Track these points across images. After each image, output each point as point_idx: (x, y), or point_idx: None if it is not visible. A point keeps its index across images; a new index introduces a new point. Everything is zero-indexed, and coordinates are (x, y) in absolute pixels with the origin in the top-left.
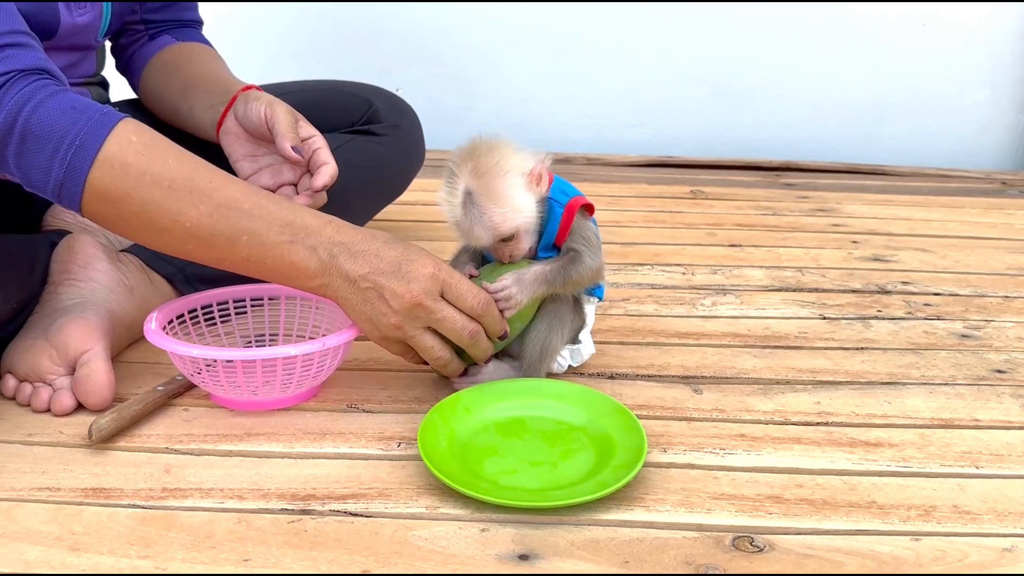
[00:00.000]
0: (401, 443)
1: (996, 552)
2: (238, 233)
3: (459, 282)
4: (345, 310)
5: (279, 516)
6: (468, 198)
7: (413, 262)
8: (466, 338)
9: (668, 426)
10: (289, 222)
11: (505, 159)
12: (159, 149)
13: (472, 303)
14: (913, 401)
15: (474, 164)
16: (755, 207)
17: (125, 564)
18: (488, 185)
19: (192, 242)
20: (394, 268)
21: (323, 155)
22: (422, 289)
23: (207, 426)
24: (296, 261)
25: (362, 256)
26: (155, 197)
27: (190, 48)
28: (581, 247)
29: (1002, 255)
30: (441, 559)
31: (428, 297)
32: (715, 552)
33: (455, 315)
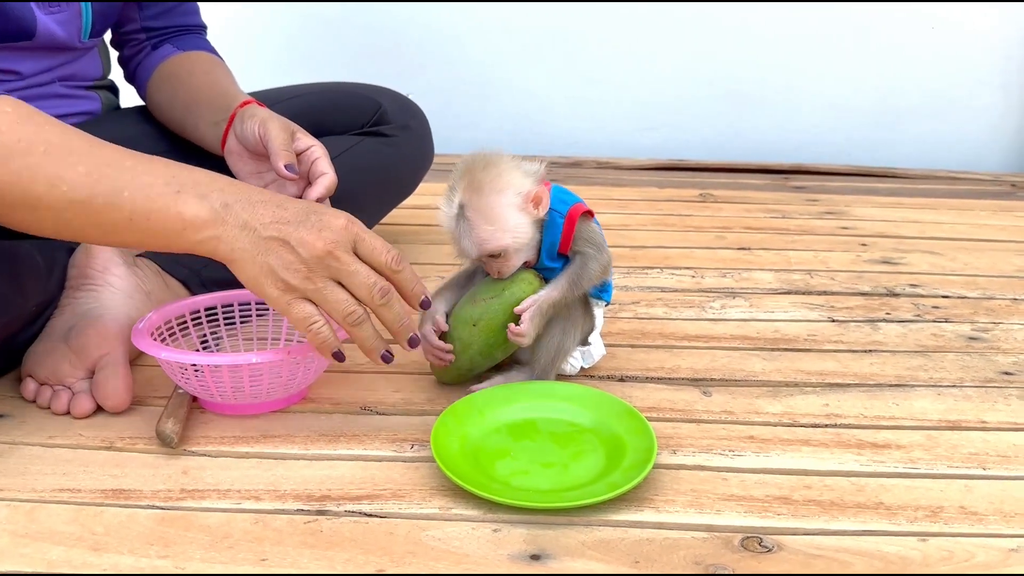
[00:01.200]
0: (414, 445)
1: (1003, 552)
2: (119, 189)
3: (372, 237)
4: (238, 267)
5: (295, 516)
6: (460, 211)
7: (323, 213)
8: (377, 296)
9: (678, 428)
10: (176, 175)
11: (502, 177)
12: (37, 119)
13: (386, 258)
14: (921, 403)
15: (471, 179)
16: (764, 210)
17: (145, 564)
18: (481, 202)
19: (70, 209)
20: (302, 217)
21: (321, 165)
22: (334, 239)
23: (223, 428)
24: (183, 211)
25: (262, 205)
26: (29, 163)
27: (192, 58)
28: (588, 249)
29: (1011, 257)
30: (454, 559)
31: (340, 248)
32: (724, 552)
33: (367, 270)
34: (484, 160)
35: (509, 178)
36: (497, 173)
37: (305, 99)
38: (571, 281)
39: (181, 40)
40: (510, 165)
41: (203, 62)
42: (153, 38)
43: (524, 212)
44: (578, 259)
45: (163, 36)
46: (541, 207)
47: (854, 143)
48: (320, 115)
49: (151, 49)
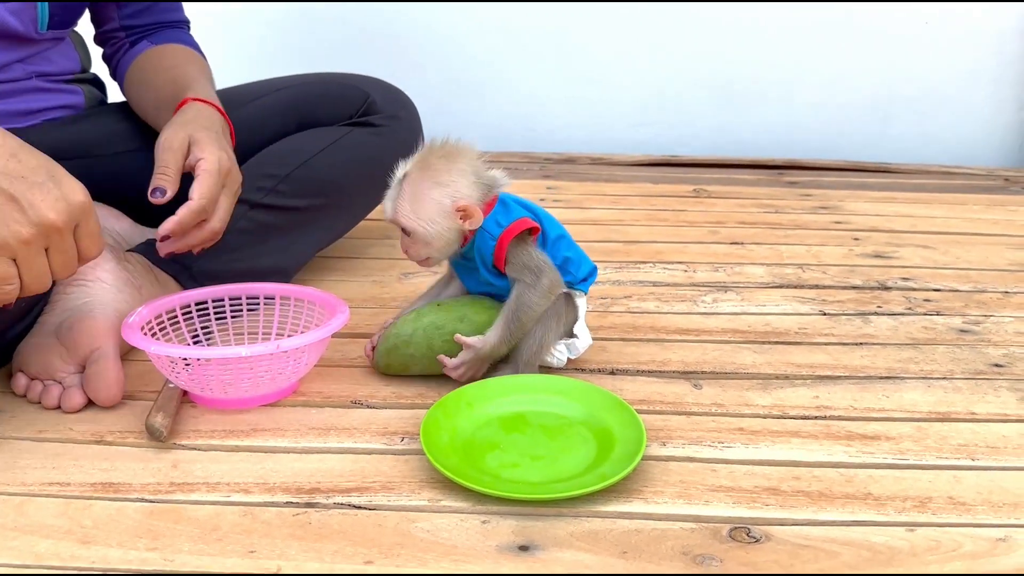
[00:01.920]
0: (404, 438)
1: (990, 542)
2: None
3: (96, 223)
4: None
5: (284, 509)
6: (401, 179)
7: (63, 181)
8: (65, 277)
9: (668, 420)
10: None
11: (450, 174)
12: None
13: (94, 252)
14: (911, 395)
15: (427, 159)
16: (758, 205)
17: (134, 556)
18: (421, 183)
19: None
20: (41, 178)
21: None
22: (69, 215)
23: (213, 422)
24: None
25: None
26: None
27: (163, 53)
28: (524, 277)
29: (1003, 251)
30: (443, 550)
31: (68, 225)
32: (712, 543)
33: (73, 254)
34: (449, 150)
35: (454, 179)
36: (448, 168)
37: (292, 91)
38: (508, 321)
39: (158, 35)
40: (466, 168)
41: (173, 56)
42: (132, 36)
43: (449, 216)
44: (514, 292)
45: (142, 33)
46: (468, 222)
47: (847, 138)
48: (308, 106)
49: (129, 46)
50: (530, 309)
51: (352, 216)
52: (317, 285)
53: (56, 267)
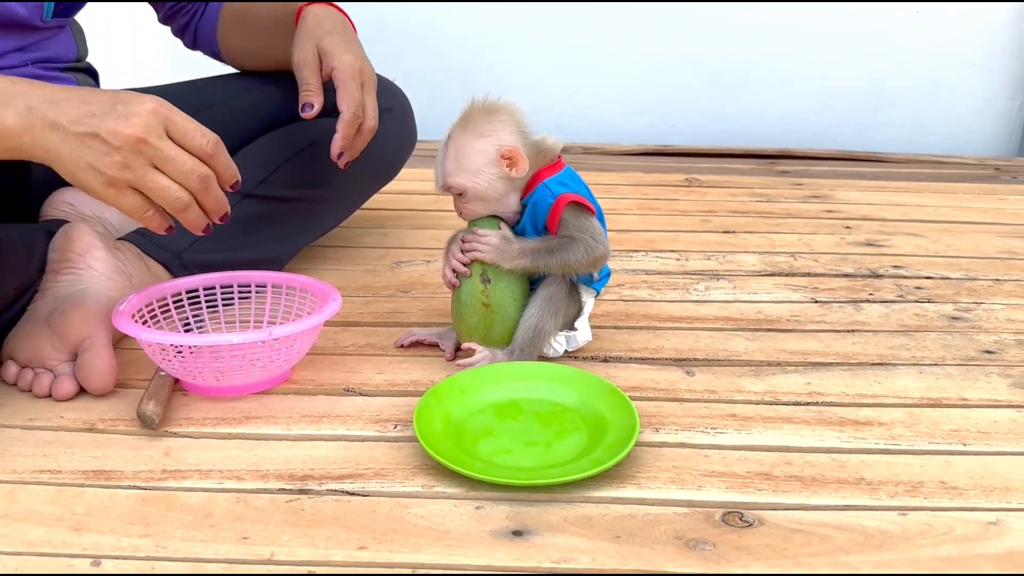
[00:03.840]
0: (397, 425)
1: (981, 526)
2: None
3: (184, 119)
4: (58, 167)
5: (277, 496)
6: (447, 140)
7: (130, 101)
8: (195, 182)
9: (660, 407)
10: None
11: (491, 124)
12: None
13: (201, 141)
14: (903, 381)
15: (467, 116)
16: (750, 194)
17: (126, 543)
18: (463, 138)
19: None
20: (107, 109)
21: (342, 97)
22: (144, 124)
23: (206, 410)
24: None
25: (66, 102)
26: None
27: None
28: (580, 235)
29: (993, 239)
30: (436, 535)
31: (152, 133)
32: (705, 527)
33: (184, 156)
34: (489, 105)
35: (495, 128)
36: (488, 119)
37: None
38: (549, 247)
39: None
40: (506, 118)
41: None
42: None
43: (495, 164)
44: (564, 239)
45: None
46: (515, 169)
47: (840, 128)
48: None
49: (202, 5)
50: (569, 258)
51: (345, 207)
52: (310, 274)
53: (178, 176)
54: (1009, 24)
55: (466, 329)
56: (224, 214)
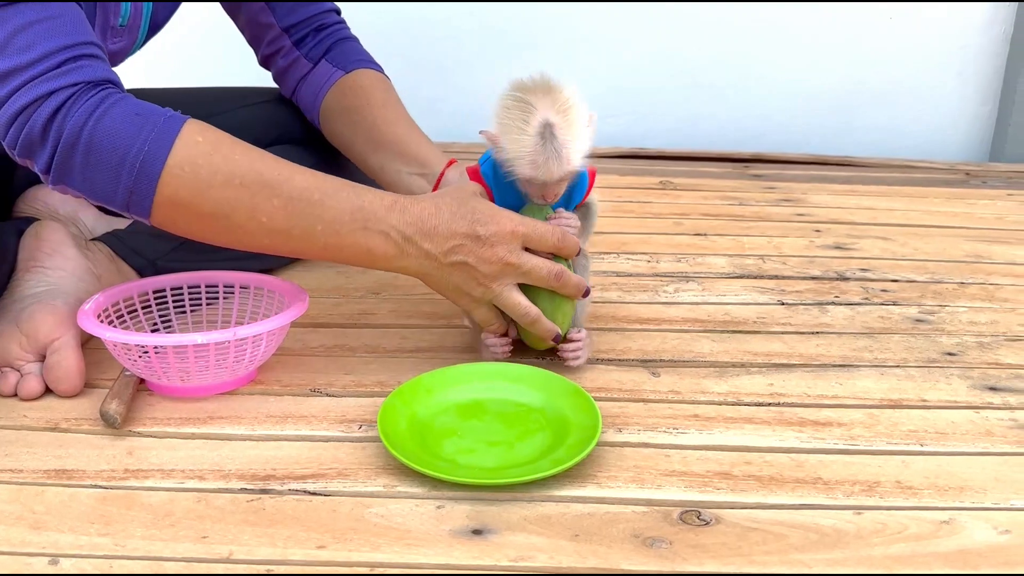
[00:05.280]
0: (362, 425)
1: (934, 524)
2: (312, 224)
3: (534, 228)
4: (430, 283)
5: (238, 495)
6: (548, 131)
7: (488, 225)
8: (554, 281)
9: (624, 407)
10: (358, 208)
11: (578, 99)
12: (225, 146)
13: (552, 241)
14: (864, 383)
15: (554, 99)
16: (722, 197)
17: (85, 541)
18: (570, 122)
19: (268, 237)
20: (472, 236)
21: None
22: (507, 249)
23: (171, 409)
24: (372, 248)
25: (436, 232)
26: (228, 196)
27: (361, 83)
28: (592, 202)
29: (960, 243)
30: (396, 534)
31: (513, 255)
32: (663, 525)
33: (539, 263)
34: (555, 84)
35: (579, 98)
36: (572, 93)
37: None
38: (585, 216)
39: (337, 53)
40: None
41: (375, 89)
42: (300, 43)
43: (589, 133)
44: (585, 207)
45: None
46: (592, 128)
47: (814, 132)
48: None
49: (308, 64)
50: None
51: None
52: (282, 275)
53: (539, 282)
54: (980, 30)
55: (562, 317)
56: (586, 289)
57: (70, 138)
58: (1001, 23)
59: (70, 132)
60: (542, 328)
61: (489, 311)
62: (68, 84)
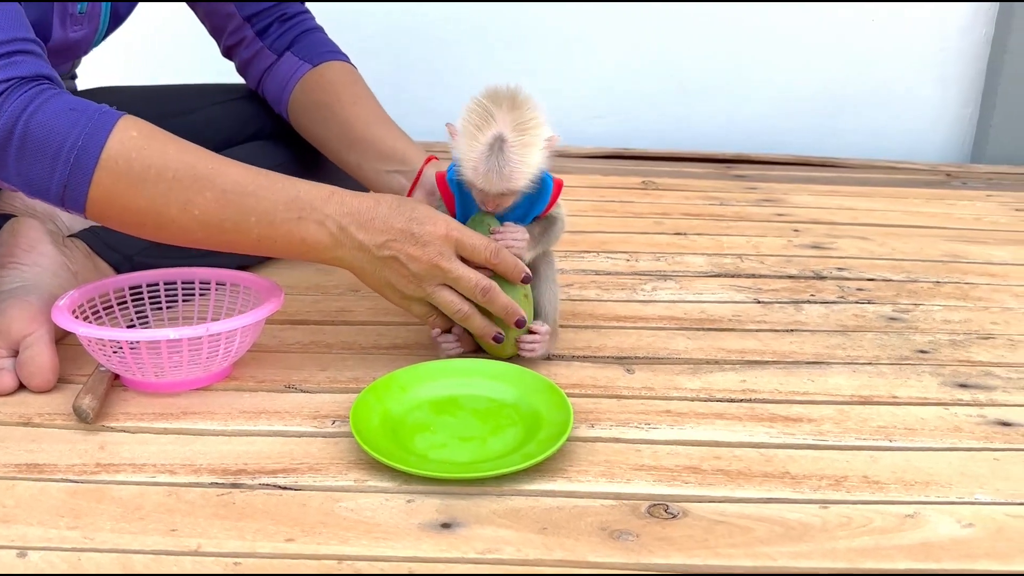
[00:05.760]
0: (336, 421)
1: (899, 518)
2: (245, 216)
3: (470, 237)
4: (363, 278)
5: (209, 489)
6: (499, 144)
7: (424, 224)
8: (480, 295)
9: (598, 403)
10: (293, 198)
11: (539, 120)
12: (159, 141)
13: (485, 255)
14: (836, 379)
15: (515, 117)
16: (703, 197)
17: (54, 535)
18: (524, 142)
19: (202, 230)
20: (407, 233)
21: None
22: (437, 251)
23: (144, 405)
24: (307, 238)
25: (371, 224)
26: (161, 190)
27: (330, 77)
28: (556, 213)
29: (938, 243)
30: (365, 528)
31: (443, 258)
32: (630, 519)
33: (469, 274)
34: (522, 100)
35: (542, 121)
36: (536, 115)
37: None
38: (544, 229)
39: (303, 46)
40: (541, 109)
41: (344, 84)
42: (263, 33)
43: (542, 156)
44: (548, 219)
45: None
46: (550, 151)
47: (796, 134)
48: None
49: (273, 55)
50: (556, 236)
51: None
52: (262, 273)
53: (465, 292)
54: (961, 33)
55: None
56: (517, 319)
57: (3, 132)
58: (982, 26)
59: (3, 126)
60: (477, 326)
61: (423, 307)
62: (2, 79)
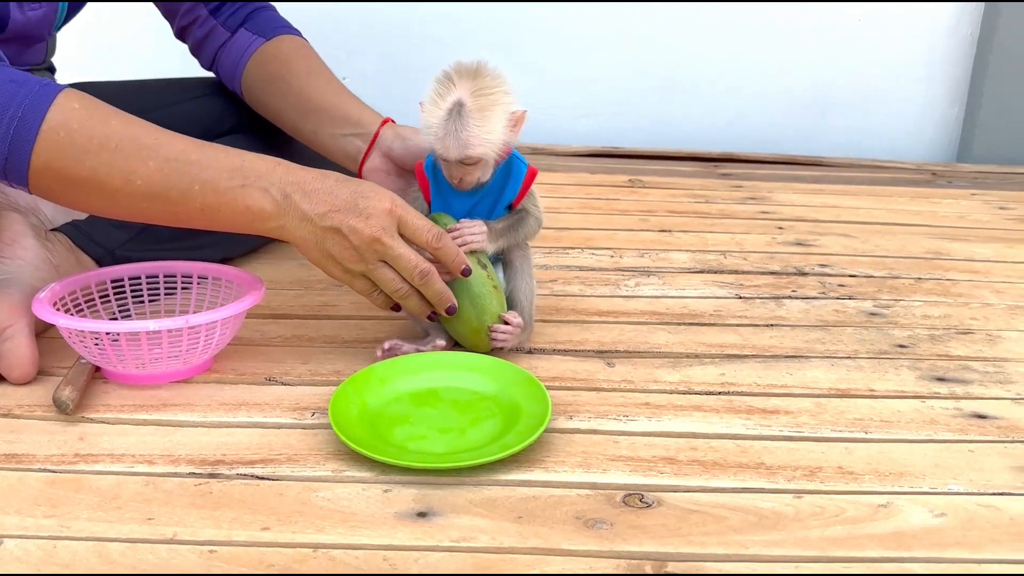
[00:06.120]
0: (315, 413)
1: (872, 508)
2: (189, 184)
3: (415, 218)
4: (305, 250)
5: (186, 479)
6: (457, 109)
7: (369, 198)
8: (417, 277)
9: (577, 396)
10: (238, 167)
11: (502, 88)
12: (101, 112)
13: (427, 237)
14: (814, 373)
15: (476, 84)
16: (689, 195)
17: (30, 523)
18: (482, 107)
19: (146, 200)
20: (351, 205)
21: None
22: (380, 225)
23: (125, 397)
24: (251, 205)
25: (316, 195)
26: (103, 160)
27: (284, 51)
28: (531, 207)
29: (921, 240)
30: (341, 517)
31: (385, 234)
32: (605, 508)
33: (409, 254)
34: (486, 70)
35: (506, 92)
36: (499, 85)
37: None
38: (514, 223)
39: (256, 22)
40: (506, 81)
41: (298, 56)
42: (220, 16)
43: (507, 130)
44: (521, 213)
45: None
46: (517, 128)
47: (785, 133)
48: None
49: (226, 32)
50: (530, 228)
51: None
52: (245, 267)
53: (403, 272)
54: (947, 33)
55: (489, 316)
56: (450, 306)
57: None
58: (967, 26)
59: None
60: (413, 306)
61: (365, 283)
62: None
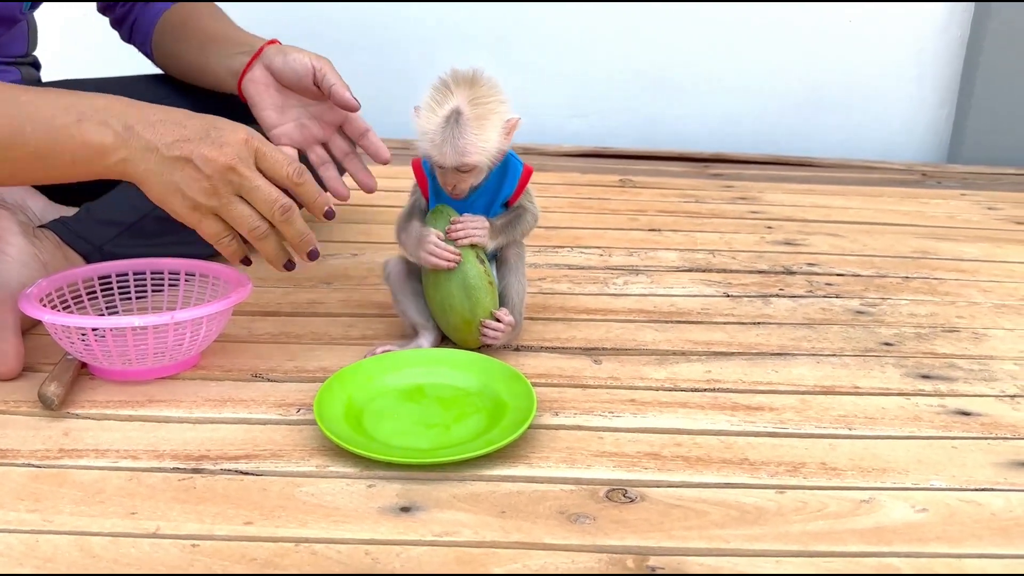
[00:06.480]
0: (301, 409)
1: (854, 503)
2: (21, 124)
3: (273, 150)
4: (147, 187)
5: (170, 475)
6: (455, 117)
7: (222, 129)
8: (278, 212)
9: (563, 392)
10: (73, 103)
11: (498, 101)
12: None
13: (287, 171)
14: (799, 370)
15: (473, 93)
16: (679, 195)
17: (13, 517)
18: (479, 116)
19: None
20: (202, 134)
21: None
22: (235, 153)
23: (110, 392)
24: (89, 139)
25: (162, 124)
26: None
27: (192, 7)
28: (528, 204)
29: (909, 239)
30: (324, 512)
31: (242, 163)
32: (588, 502)
33: (268, 186)
34: (482, 79)
35: (502, 101)
36: (495, 93)
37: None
38: (512, 220)
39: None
40: (502, 90)
41: (203, 8)
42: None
43: (501, 136)
44: (518, 210)
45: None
46: (510, 136)
47: (774, 133)
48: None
49: (144, 4)
50: (525, 227)
51: None
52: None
53: (261, 206)
54: (937, 35)
55: (482, 310)
56: (311, 250)
57: None
58: (957, 27)
59: None
60: (270, 249)
61: (216, 223)
62: None
